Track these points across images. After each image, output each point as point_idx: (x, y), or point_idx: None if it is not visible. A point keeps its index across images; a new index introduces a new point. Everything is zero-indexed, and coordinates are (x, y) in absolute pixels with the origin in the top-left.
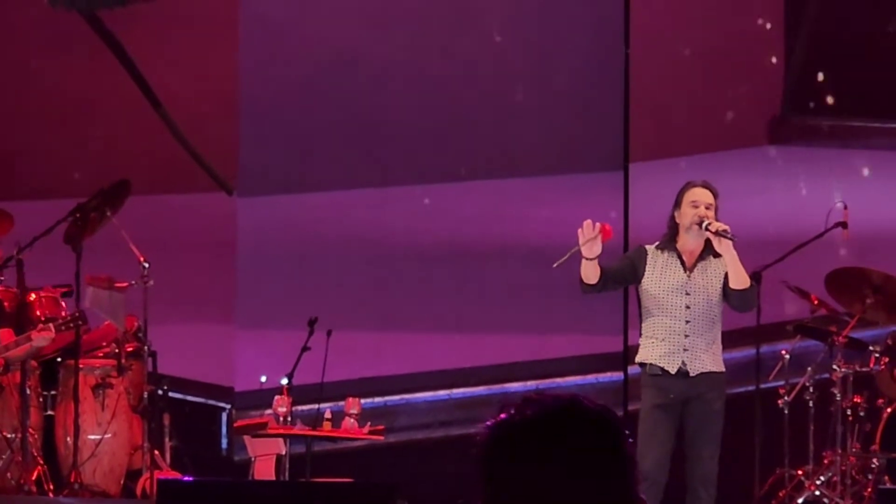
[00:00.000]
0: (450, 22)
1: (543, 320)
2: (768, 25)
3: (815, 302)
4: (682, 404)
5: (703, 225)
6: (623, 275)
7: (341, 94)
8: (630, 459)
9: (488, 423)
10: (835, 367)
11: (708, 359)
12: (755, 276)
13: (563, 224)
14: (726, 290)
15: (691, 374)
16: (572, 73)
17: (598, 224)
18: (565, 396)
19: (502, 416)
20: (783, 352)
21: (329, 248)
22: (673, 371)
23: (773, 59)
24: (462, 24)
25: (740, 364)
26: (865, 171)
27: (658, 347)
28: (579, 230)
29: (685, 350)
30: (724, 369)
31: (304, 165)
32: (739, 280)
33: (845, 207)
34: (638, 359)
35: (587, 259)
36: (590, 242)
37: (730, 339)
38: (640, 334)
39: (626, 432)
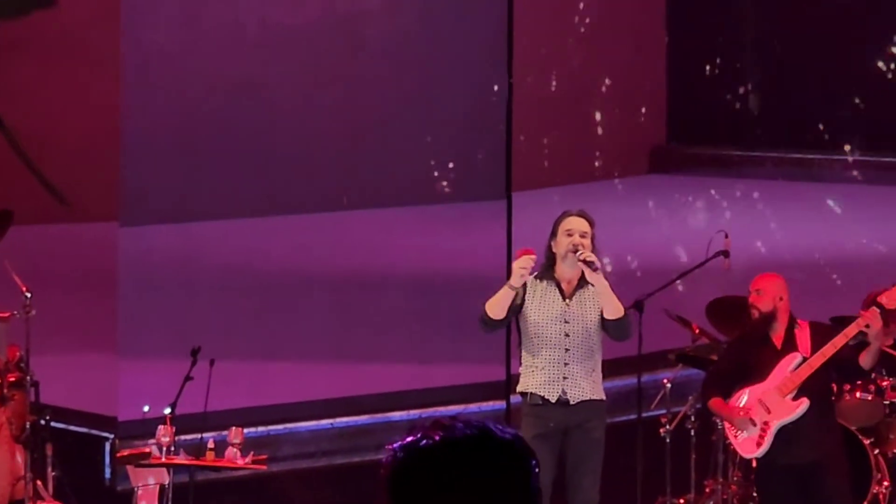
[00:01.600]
0: (334, 51)
1: (426, 349)
2: (651, 56)
3: (697, 331)
4: (562, 433)
5: (577, 253)
6: (516, 306)
7: (225, 124)
8: (538, 491)
9: (395, 445)
10: None
11: (588, 387)
12: (637, 305)
13: (446, 253)
14: (603, 319)
15: (571, 403)
16: (456, 101)
17: (528, 256)
18: (476, 423)
19: (410, 439)
20: (665, 380)
21: (212, 277)
22: (553, 399)
23: (656, 90)
24: (347, 53)
25: (622, 393)
26: (746, 200)
27: (538, 376)
28: (519, 266)
29: (565, 378)
30: (604, 397)
31: (188, 194)
32: (611, 309)
33: (726, 236)
34: (518, 388)
35: (513, 289)
36: (523, 271)
37: (612, 367)
38: (521, 363)
39: (535, 462)
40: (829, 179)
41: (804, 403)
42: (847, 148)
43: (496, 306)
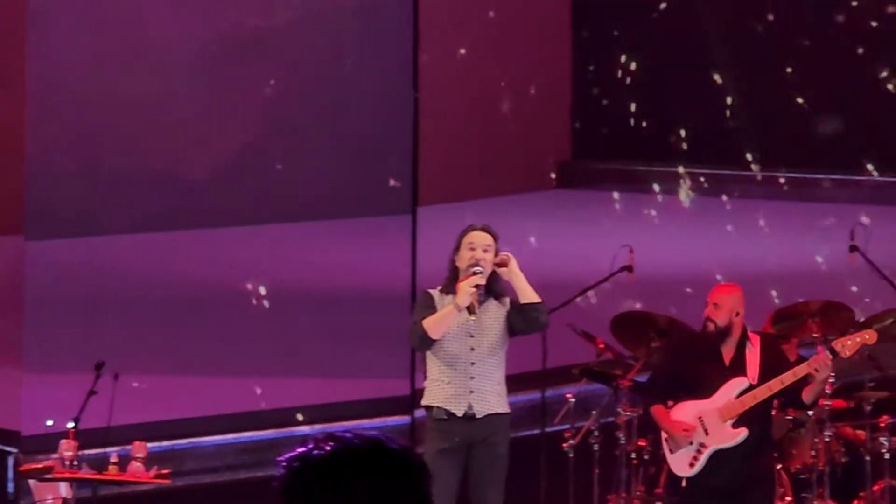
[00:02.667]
0: (238, 68)
1: (330, 364)
2: (557, 73)
3: (601, 346)
4: (466, 448)
5: (473, 271)
6: None
7: (130, 139)
8: (429, 499)
9: (286, 457)
10: (619, 410)
11: (495, 400)
12: None
13: (350, 268)
14: (512, 320)
15: (478, 417)
16: (361, 116)
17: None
18: (367, 435)
19: (301, 450)
20: (568, 395)
21: (118, 291)
22: (460, 414)
23: (562, 106)
24: (250, 69)
25: (526, 408)
26: (652, 215)
27: (444, 390)
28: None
29: (472, 392)
30: (509, 410)
31: (94, 209)
32: (528, 295)
33: (631, 251)
34: (424, 402)
35: (459, 308)
36: (471, 290)
37: (515, 382)
38: (426, 377)
39: (428, 474)
40: (736, 194)
41: (742, 433)
42: (749, 157)
43: (439, 325)
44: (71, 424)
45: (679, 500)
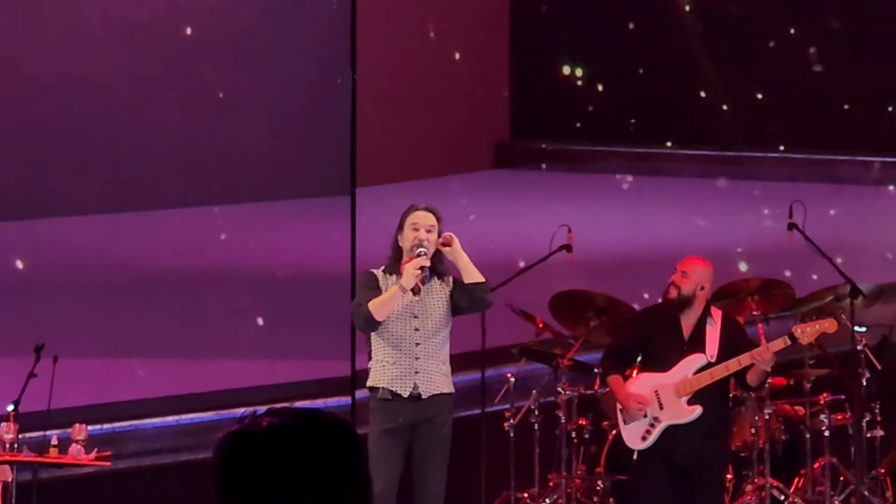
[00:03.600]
0: (177, 48)
1: (271, 345)
2: (494, 52)
3: (541, 325)
4: (410, 428)
5: (417, 252)
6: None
7: (66, 121)
8: (367, 474)
9: (222, 433)
10: (559, 389)
11: (440, 380)
12: None
13: (290, 250)
14: (456, 299)
15: (424, 397)
16: (300, 97)
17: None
18: (305, 410)
19: (236, 427)
20: (508, 375)
21: (57, 274)
22: (405, 394)
23: (500, 85)
24: (187, 52)
25: (466, 388)
26: (591, 195)
27: (389, 371)
28: (417, 259)
29: (417, 373)
30: (454, 390)
31: (31, 192)
32: (473, 275)
33: (569, 231)
34: (369, 383)
35: (404, 290)
36: (416, 272)
37: (455, 362)
38: (370, 358)
39: (364, 447)
40: (672, 173)
41: (697, 411)
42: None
43: (384, 307)
44: (10, 408)
45: (630, 473)
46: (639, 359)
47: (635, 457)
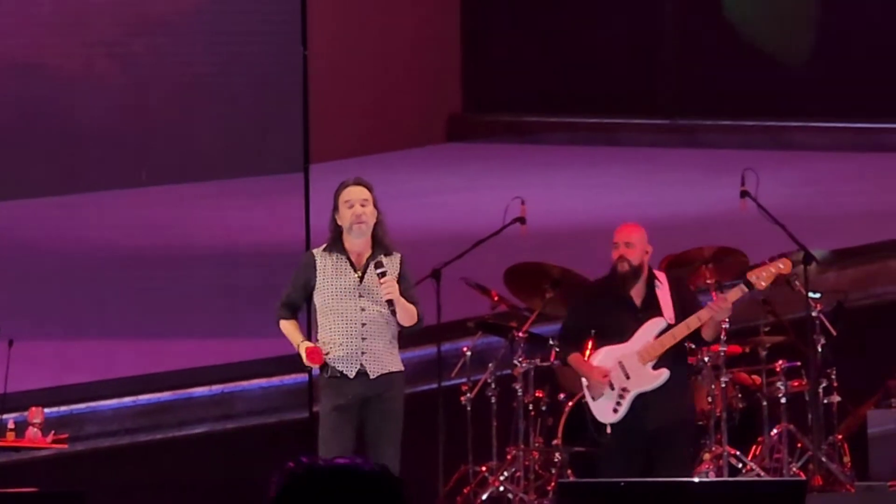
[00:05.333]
0: (128, 27)
1: (228, 324)
2: (446, 25)
3: (496, 298)
4: (360, 405)
5: (379, 272)
6: (306, 294)
7: (17, 102)
8: None
9: (276, 477)
10: (516, 362)
11: (388, 359)
12: (435, 274)
13: (245, 227)
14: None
15: (371, 377)
16: (251, 74)
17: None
18: (339, 462)
19: (290, 465)
20: (464, 349)
21: (11, 256)
22: (352, 375)
23: (451, 58)
24: (139, 29)
25: (422, 362)
26: (544, 166)
27: (336, 351)
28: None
29: (363, 353)
30: (402, 368)
31: None
32: (406, 318)
33: (523, 203)
34: None
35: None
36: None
37: (410, 337)
38: (317, 339)
39: (404, 484)
40: (627, 143)
41: (664, 374)
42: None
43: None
44: None
45: (606, 446)
46: (592, 334)
47: (609, 430)
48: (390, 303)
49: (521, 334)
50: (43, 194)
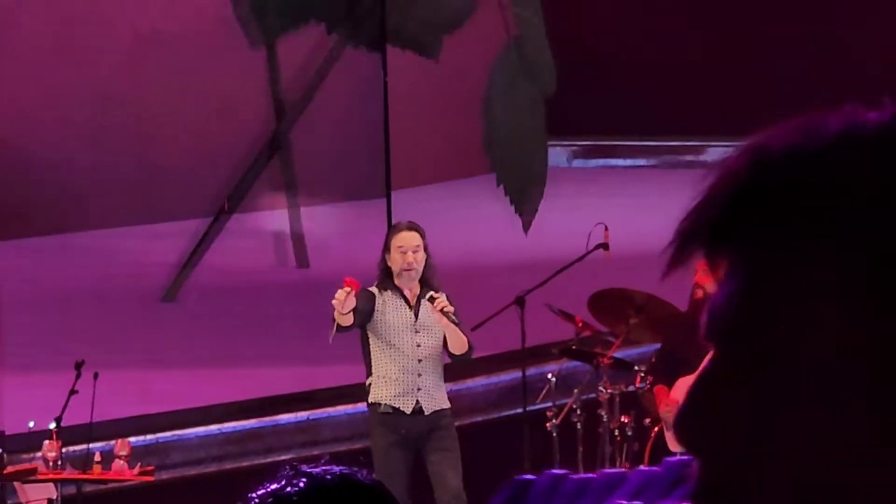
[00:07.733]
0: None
1: (310, 351)
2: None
3: (580, 324)
4: (415, 440)
5: (429, 297)
6: (368, 312)
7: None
8: None
9: (259, 492)
10: (601, 387)
11: (439, 396)
12: (519, 301)
13: (329, 254)
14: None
15: (426, 413)
16: (337, 107)
17: (343, 289)
18: (338, 471)
19: (275, 486)
20: (549, 374)
21: (90, 288)
22: (408, 411)
23: None
24: (221, 53)
25: (507, 388)
26: (625, 191)
27: (392, 387)
28: (334, 301)
29: (419, 389)
30: (450, 406)
31: (63, 208)
32: (458, 345)
33: (606, 228)
34: (370, 399)
35: (343, 315)
36: (345, 302)
37: (495, 363)
38: (371, 374)
39: None
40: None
41: None
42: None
43: (339, 322)
44: (53, 425)
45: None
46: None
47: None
48: (446, 314)
49: (605, 360)
50: (121, 224)
